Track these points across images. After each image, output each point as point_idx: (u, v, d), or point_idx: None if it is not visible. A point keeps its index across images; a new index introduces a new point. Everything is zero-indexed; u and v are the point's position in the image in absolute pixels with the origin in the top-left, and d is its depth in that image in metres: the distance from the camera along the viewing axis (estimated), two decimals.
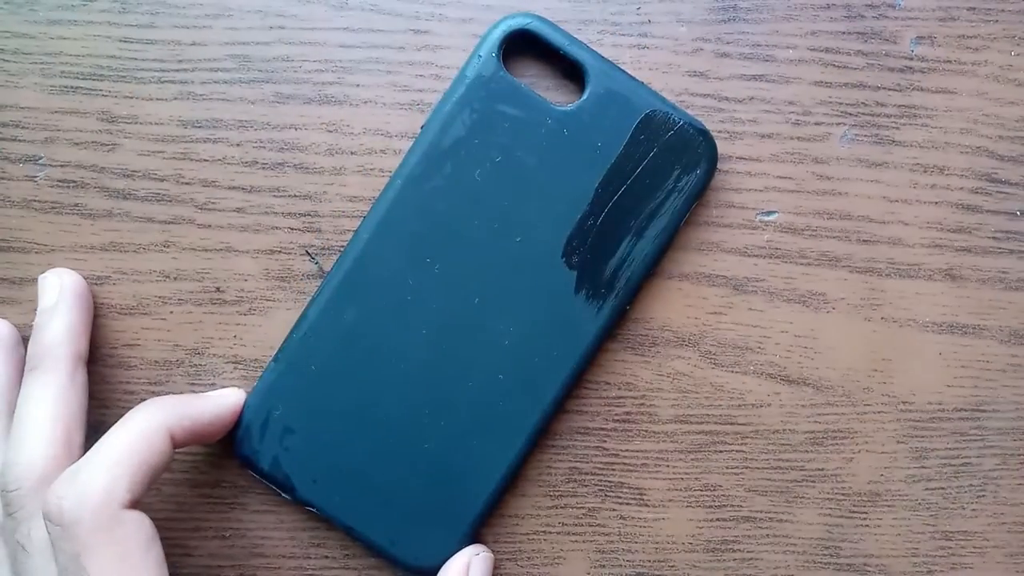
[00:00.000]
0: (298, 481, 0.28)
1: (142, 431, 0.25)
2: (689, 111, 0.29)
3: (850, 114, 0.30)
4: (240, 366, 0.30)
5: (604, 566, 0.30)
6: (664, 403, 0.30)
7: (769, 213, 0.30)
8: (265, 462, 0.28)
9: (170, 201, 0.30)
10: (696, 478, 0.30)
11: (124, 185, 0.30)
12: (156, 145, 0.30)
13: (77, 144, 0.30)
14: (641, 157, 0.29)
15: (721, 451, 0.30)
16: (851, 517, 0.30)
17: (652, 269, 0.29)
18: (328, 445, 0.28)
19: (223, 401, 0.28)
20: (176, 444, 0.26)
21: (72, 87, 0.30)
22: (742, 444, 0.30)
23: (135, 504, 0.25)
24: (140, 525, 0.24)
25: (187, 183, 0.30)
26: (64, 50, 0.30)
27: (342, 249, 0.29)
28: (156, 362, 0.30)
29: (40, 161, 0.30)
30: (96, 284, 0.30)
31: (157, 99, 0.30)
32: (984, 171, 0.31)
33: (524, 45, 0.29)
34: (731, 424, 0.30)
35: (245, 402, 0.29)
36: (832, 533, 0.30)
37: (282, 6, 0.30)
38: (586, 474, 0.30)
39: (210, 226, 0.30)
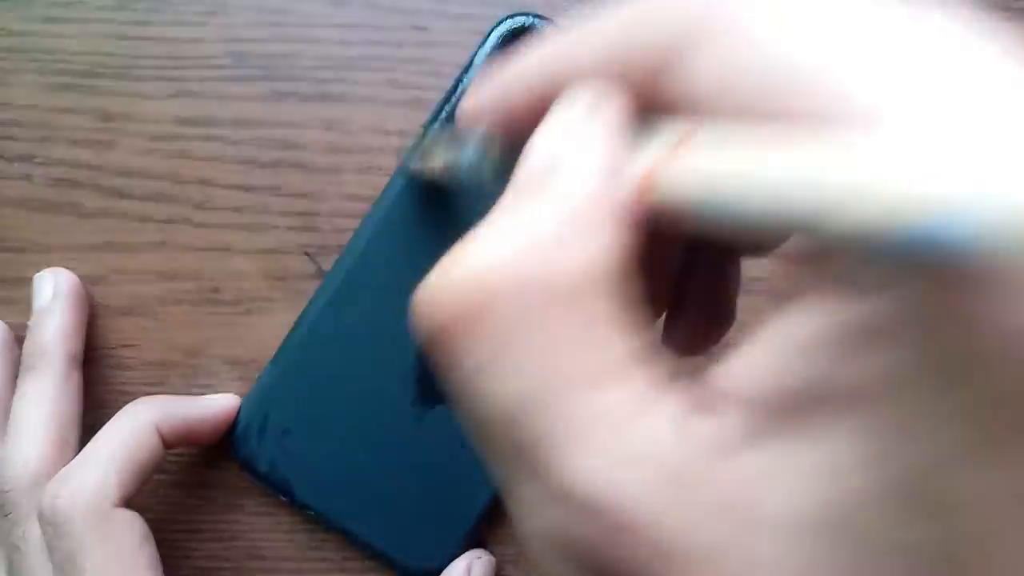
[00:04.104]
0: (296, 483, 0.28)
1: (131, 429, 0.26)
2: None
3: None
4: (237, 367, 0.30)
5: None
6: None
7: None
8: (263, 464, 0.28)
9: (167, 200, 0.30)
10: None
11: (120, 184, 0.30)
12: (153, 143, 0.30)
13: (73, 142, 0.30)
14: None
15: None
16: None
17: None
18: (327, 447, 0.28)
19: (214, 403, 0.28)
20: (166, 442, 0.26)
21: (68, 85, 0.30)
22: None
23: (127, 502, 0.25)
24: (133, 523, 0.25)
25: (184, 182, 0.30)
26: (60, 47, 0.30)
27: (341, 249, 0.29)
28: (153, 363, 0.30)
29: (36, 160, 0.30)
30: (92, 284, 0.30)
31: (154, 97, 0.30)
32: None
33: (526, 43, 0.29)
34: None
35: (243, 403, 0.29)
36: None
37: (280, 3, 0.30)
38: None
39: (207, 225, 0.30)
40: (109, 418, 0.26)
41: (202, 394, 0.29)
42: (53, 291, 0.28)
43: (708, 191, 0.12)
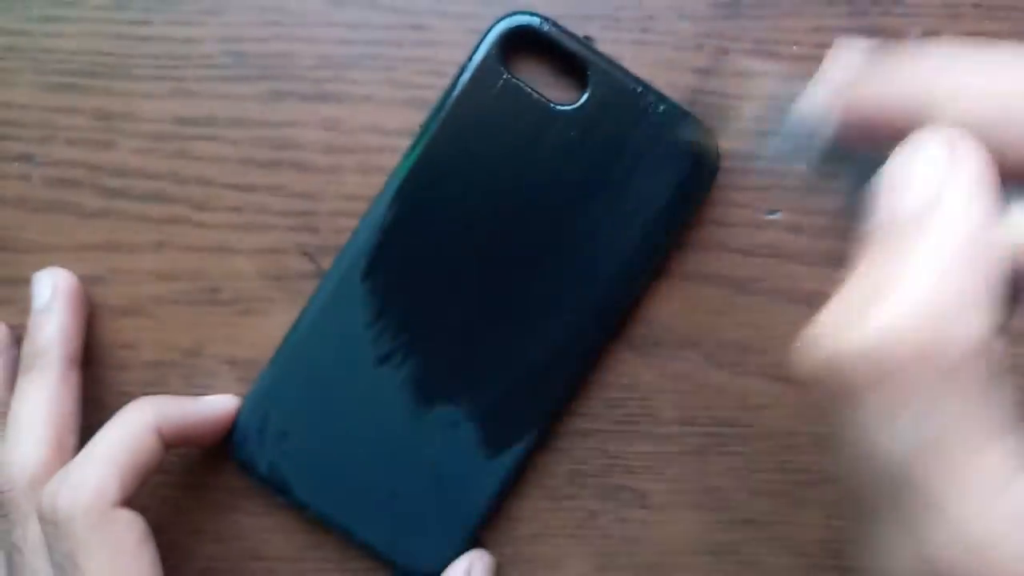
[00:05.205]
0: (296, 484, 0.28)
1: (131, 429, 0.26)
2: (691, 108, 0.29)
3: None
4: (236, 367, 0.30)
5: (605, 569, 0.30)
6: (666, 404, 0.30)
7: (773, 212, 0.30)
8: (262, 465, 0.28)
9: (165, 200, 0.30)
10: (698, 480, 0.30)
11: (119, 184, 0.30)
12: (151, 143, 0.30)
13: (72, 142, 0.30)
14: (643, 156, 0.28)
15: (724, 453, 0.30)
16: None
17: (654, 269, 0.29)
18: (326, 448, 0.28)
19: (214, 403, 0.28)
20: (165, 442, 0.26)
21: (67, 84, 0.30)
22: (745, 446, 0.30)
23: (127, 502, 0.25)
24: (133, 524, 0.25)
25: (183, 182, 0.30)
26: (58, 47, 0.30)
27: (340, 248, 0.29)
28: (151, 363, 0.30)
29: (34, 160, 0.30)
30: (91, 284, 0.30)
31: (152, 96, 0.30)
32: None
33: (525, 42, 0.29)
34: (734, 426, 0.30)
35: (242, 404, 0.28)
36: (837, 535, 0.30)
37: (279, 2, 0.30)
38: (587, 476, 0.30)
39: (206, 225, 0.30)
40: (108, 419, 0.26)
41: (201, 394, 0.29)
42: (52, 291, 0.28)
43: None
